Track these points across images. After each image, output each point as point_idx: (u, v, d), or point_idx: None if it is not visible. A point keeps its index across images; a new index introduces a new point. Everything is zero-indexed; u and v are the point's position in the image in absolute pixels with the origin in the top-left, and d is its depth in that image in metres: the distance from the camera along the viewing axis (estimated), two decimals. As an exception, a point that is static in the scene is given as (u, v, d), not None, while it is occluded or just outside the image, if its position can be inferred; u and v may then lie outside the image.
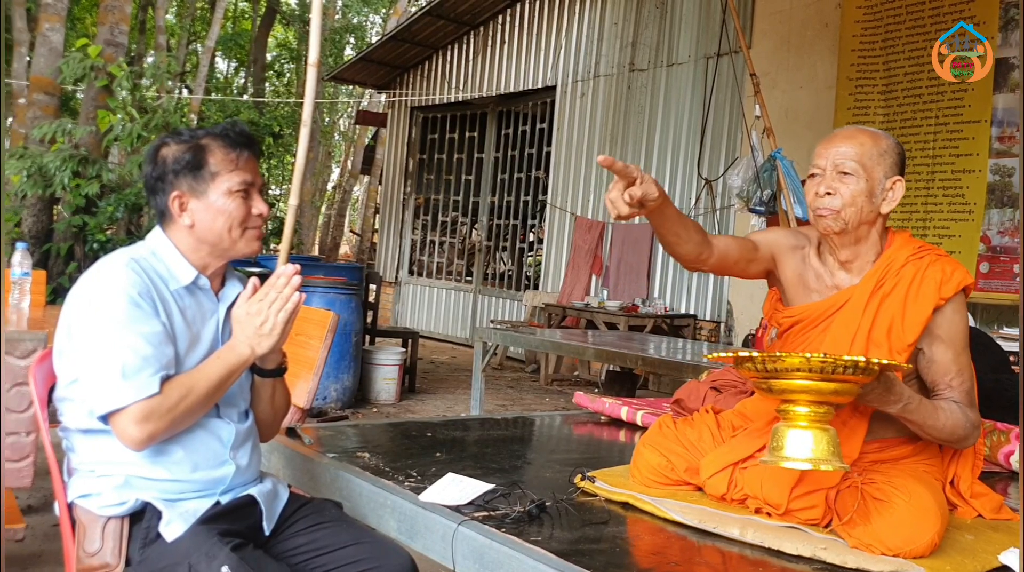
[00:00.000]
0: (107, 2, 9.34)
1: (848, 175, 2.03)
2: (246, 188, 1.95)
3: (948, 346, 2.01)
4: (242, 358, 1.89)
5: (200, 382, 1.84)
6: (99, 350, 1.78)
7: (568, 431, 3.19)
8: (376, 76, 13.87)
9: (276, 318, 1.88)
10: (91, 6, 21.53)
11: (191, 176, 1.92)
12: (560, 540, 1.76)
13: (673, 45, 9.52)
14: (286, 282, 1.90)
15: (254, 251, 2.00)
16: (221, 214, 1.93)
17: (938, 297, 2.00)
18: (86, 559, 1.81)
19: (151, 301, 1.85)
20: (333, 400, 6.81)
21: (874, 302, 2.03)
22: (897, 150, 2.09)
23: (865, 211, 2.04)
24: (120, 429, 1.76)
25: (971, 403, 2.01)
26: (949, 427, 1.95)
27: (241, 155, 1.95)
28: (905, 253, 2.06)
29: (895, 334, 2.00)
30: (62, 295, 8.04)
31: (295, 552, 1.98)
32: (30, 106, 9.52)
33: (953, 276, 2.01)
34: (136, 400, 1.74)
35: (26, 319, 3.61)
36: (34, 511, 3.91)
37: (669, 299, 9.25)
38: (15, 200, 8.92)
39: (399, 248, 13.69)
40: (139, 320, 1.80)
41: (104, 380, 1.76)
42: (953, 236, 6.90)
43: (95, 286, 1.84)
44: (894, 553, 1.77)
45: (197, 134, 1.97)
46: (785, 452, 1.72)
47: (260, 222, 1.99)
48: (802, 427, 1.73)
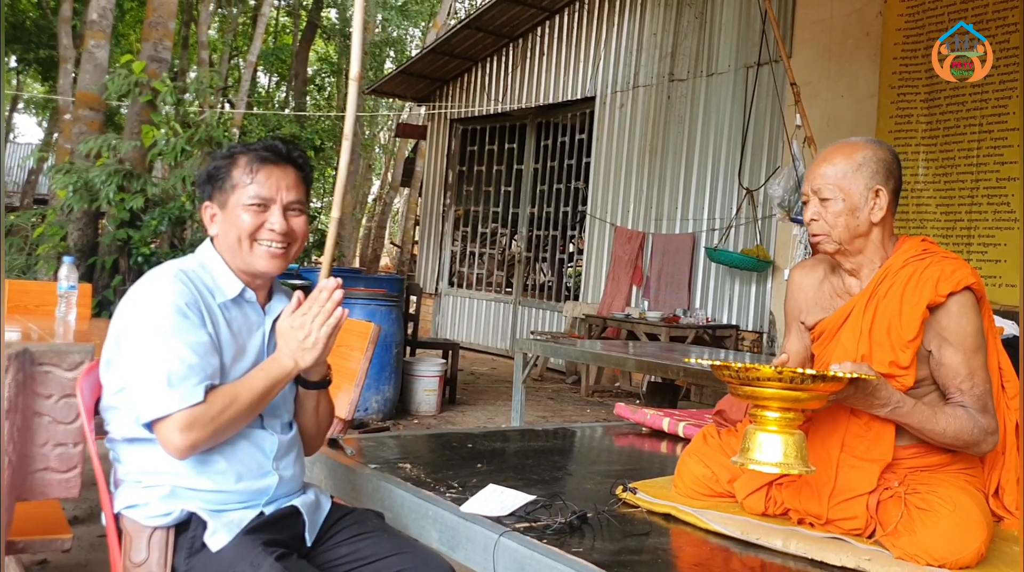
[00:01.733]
0: (151, 19, 9.49)
1: (827, 200, 2.07)
2: (260, 202, 1.95)
3: (957, 349, 1.99)
4: (286, 370, 1.91)
5: (244, 393, 1.86)
6: (146, 358, 1.80)
7: (609, 442, 3.18)
8: (416, 89, 13.95)
9: (319, 332, 1.90)
10: (135, 23, 21.92)
11: (218, 188, 1.97)
12: (601, 551, 1.76)
13: (713, 55, 9.48)
14: (328, 296, 1.91)
15: (269, 268, 1.98)
16: (233, 226, 1.95)
17: (935, 294, 1.98)
18: (132, 569, 1.83)
19: (198, 312, 1.87)
20: (374, 411, 6.84)
21: (873, 303, 2.05)
22: (876, 158, 2.08)
23: (853, 227, 2.07)
24: (164, 436, 1.78)
25: (984, 408, 1.98)
26: (952, 432, 1.93)
27: (264, 169, 1.96)
28: (906, 256, 2.07)
29: (894, 332, 2.01)
30: (107, 308, 8.17)
31: (337, 562, 1.99)
32: (76, 122, 9.68)
33: (953, 275, 1.99)
34: (180, 408, 1.77)
35: (72, 331, 3.67)
36: (80, 522, 3.96)
37: (711, 309, 9.18)
38: (61, 214, 9.07)
39: (439, 259, 13.74)
40: (186, 330, 1.83)
41: (150, 388, 1.78)
42: (998, 244, 6.79)
43: (143, 296, 1.87)
44: (940, 564, 1.75)
45: (236, 149, 2.01)
46: (754, 454, 1.78)
47: (275, 238, 1.96)
48: (771, 431, 1.77)
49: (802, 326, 2.25)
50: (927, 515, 1.82)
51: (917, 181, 7.37)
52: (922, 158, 7.35)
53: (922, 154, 7.35)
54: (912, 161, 7.39)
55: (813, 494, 1.95)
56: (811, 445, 2.00)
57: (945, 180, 7.20)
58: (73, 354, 2.18)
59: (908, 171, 7.40)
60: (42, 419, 2.16)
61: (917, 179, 7.37)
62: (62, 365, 2.17)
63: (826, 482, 1.94)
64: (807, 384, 1.73)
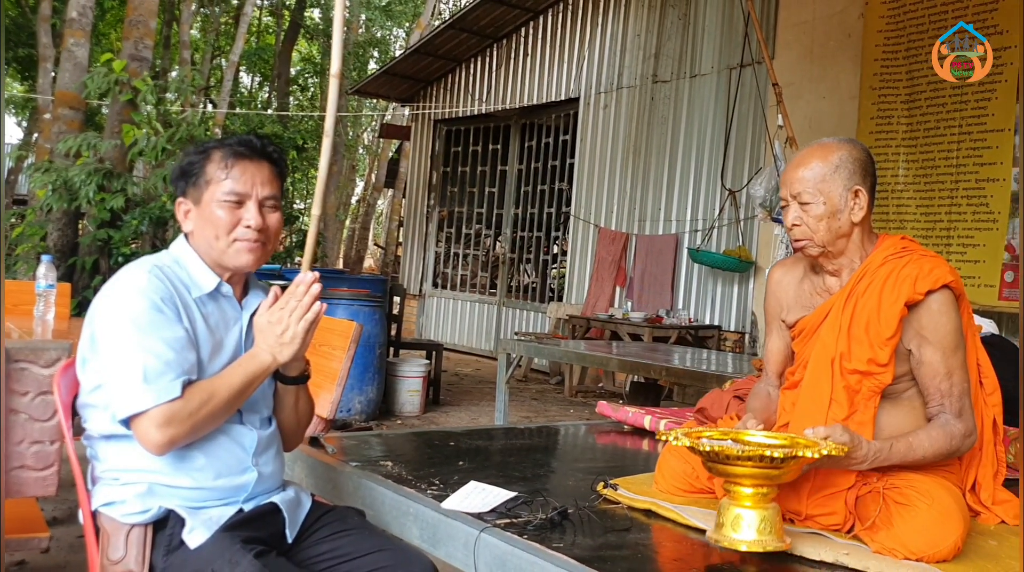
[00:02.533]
0: (132, 17, 9.43)
1: (807, 203, 2.07)
2: (236, 199, 1.93)
3: (936, 347, 1.99)
4: (264, 366, 1.89)
5: (221, 388, 1.84)
6: (122, 355, 1.79)
7: (591, 440, 3.18)
8: (400, 89, 13.93)
9: (296, 327, 1.88)
10: (116, 22, 21.78)
11: (191, 184, 1.95)
12: (582, 547, 1.76)
13: (696, 56, 9.51)
14: (305, 290, 1.89)
15: (245, 264, 1.96)
16: (208, 222, 1.93)
17: (912, 292, 1.99)
18: (110, 567, 1.81)
19: (174, 307, 1.86)
20: (357, 412, 6.82)
21: (852, 301, 2.06)
22: (851, 158, 2.07)
23: (835, 229, 2.07)
24: (141, 433, 1.77)
25: (961, 410, 1.99)
26: (931, 454, 1.94)
27: (238, 164, 1.93)
28: (885, 254, 2.07)
29: (873, 330, 2.01)
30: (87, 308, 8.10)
31: (318, 559, 1.98)
32: (55, 121, 9.62)
33: (932, 273, 2.00)
34: (157, 404, 1.75)
35: (51, 330, 3.64)
36: (60, 523, 3.93)
37: (693, 310, 9.21)
38: (41, 214, 9.00)
39: (423, 261, 13.72)
40: (161, 325, 1.81)
41: (126, 384, 1.76)
42: (977, 245, 6.84)
43: (117, 292, 1.85)
44: (917, 557, 1.77)
45: (210, 144, 1.98)
46: (727, 532, 1.74)
47: (251, 234, 1.94)
48: (746, 507, 1.75)
49: (783, 325, 2.25)
50: (905, 509, 1.83)
51: (897, 182, 7.42)
52: (902, 159, 7.40)
53: (902, 155, 7.40)
54: (892, 162, 7.43)
55: (792, 491, 1.96)
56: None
57: (925, 181, 7.24)
58: (49, 351, 2.17)
59: (888, 172, 7.44)
60: (18, 416, 2.15)
61: (897, 180, 7.42)
62: (38, 362, 2.16)
63: (804, 480, 1.95)
64: (782, 464, 1.71)
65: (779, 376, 2.29)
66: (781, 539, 1.74)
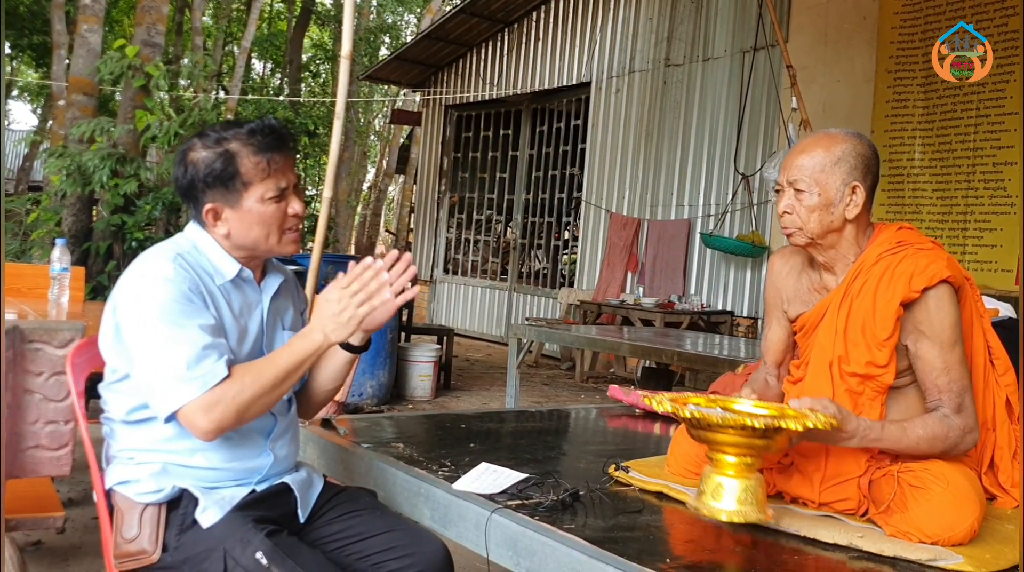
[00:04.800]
0: (144, 3, 9.45)
1: (802, 192, 2.01)
2: (280, 192, 1.91)
3: (933, 342, 1.94)
4: (315, 344, 1.84)
5: (268, 368, 1.81)
6: (158, 348, 1.76)
7: (603, 423, 3.18)
8: (411, 75, 13.90)
9: (356, 310, 1.83)
10: (129, 8, 21.81)
11: (223, 187, 1.88)
12: (593, 528, 1.75)
13: (709, 40, 9.45)
14: (373, 276, 1.84)
15: (293, 252, 1.97)
16: (256, 222, 1.90)
17: (908, 290, 1.93)
18: (124, 545, 1.82)
19: (200, 296, 1.84)
20: (369, 397, 6.83)
21: (847, 301, 2.01)
22: (855, 153, 2.01)
23: (826, 222, 2.01)
24: (189, 421, 1.76)
25: (961, 405, 1.92)
26: (926, 442, 1.88)
27: (273, 159, 1.90)
28: (880, 250, 2.01)
29: (869, 331, 1.96)
30: (101, 293, 8.13)
31: (329, 539, 1.98)
32: (69, 107, 9.65)
33: (928, 269, 1.93)
34: (204, 389, 1.74)
35: (65, 313, 3.66)
36: (75, 504, 3.96)
37: (705, 295, 9.19)
38: (55, 199, 9.04)
39: (434, 246, 13.73)
40: (193, 314, 1.79)
41: (167, 378, 1.74)
42: (995, 229, 6.80)
43: (144, 282, 1.82)
44: (932, 541, 1.75)
45: (225, 136, 1.90)
46: (708, 500, 1.73)
47: (297, 222, 1.95)
48: (728, 475, 1.73)
49: (784, 315, 2.22)
50: (920, 492, 1.81)
51: (913, 166, 7.37)
52: (918, 143, 7.35)
53: (918, 139, 7.35)
54: (908, 146, 7.39)
55: (804, 480, 1.95)
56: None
57: (942, 165, 7.19)
58: (63, 332, 2.18)
59: (904, 156, 7.40)
60: (33, 396, 2.16)
61: (913, 164, 7.37)
62: (52, 343, 2.17)
63: (816, 469, 1.93)
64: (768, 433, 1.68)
65: (778, 365, 2.25)
66: (763, 511, 1.72)
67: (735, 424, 1.67)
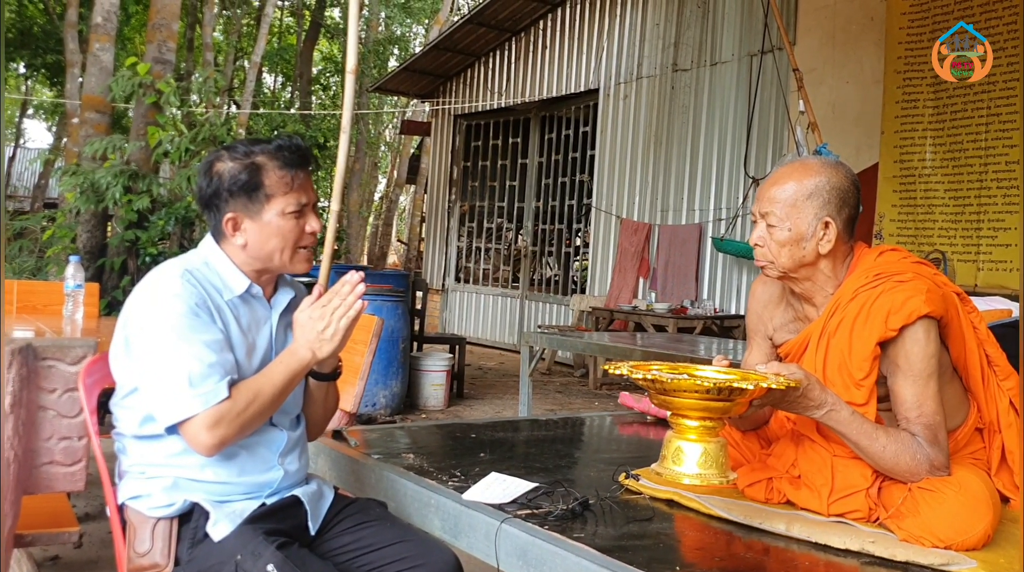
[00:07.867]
0: (155, 20, 9.51)
1: (773, 227, 1.97)
2: (300, 208, 1.95)
3: (905, 375, 1.89)
4: (304, 362, 1.90)
5: (266, 385, 1.86)
6: (163, 362, 1.79)
7: (614, 431, 3.17)
8: (419, 85, 13.96)
9: (339, 324, 1.89)
10: (140, 26, 21.96)
11: (246, 197, 1.92)
12: (604, 537, 1.75)
13: (716, 44, 9.45)
14: (350, 289, 1.90)
15: (304, 270, 2.00)
16: (274, 235, 1.93)
17: (884, 329, 1.87)
18: (136, 559, 1.84)
19: (208, 311, 1.86)
20: (382, 406, 6.85)
21: (824, 339, 1.97)
22: (829, 186, 1.95)
23: (798, 257, 1.97)
24: (191, 436, 1.78)
25: (934, 439, 1.85)
26: (891, 452, 1.83)
27: (297, 175, 1.94)
28: (856, 284, 1.95)
29: (845, 371, 1.92)
30: (116, 309, 8.17)
31: (340, 551, 1.99)
32: (83, 124, 9.72)
33: (904, 306, 1.86)
34: (206, 407, 1.77)
35: (80, 329, 3.69)
36: (92, 519, 3.98)
37: (719, 300, 9.17)
38: (70, 216, 9.11)
39: (445, 255, 13.75)
40: (200, 329, 1.82)
41: (171, 391, 1.77)
42: (1008, 228, 6.76)
43: (153, 297, 1.85)
44: (946, 545, 1.72)
45: (253, 150, 1.94)
46: (670, 464, 1.75)
47: (312, 241, 1.99)
48: (690, 440, 1.75)
49: (768, 341, 2.19)
50: (932, 496, 1.79)
51: (925, 166, 7.34)
52: (929, 143, 7.32)
53: (929, 139, 7.32)
54: (919, 146, 7.36)
55: (813, 494, 1.93)
56: (802, 448, 1.97)
57: (953, 165, 7.16)
58: (76, 348, 2.19)
59: (915, 156, 7.37)
60: (46, 413, 2.17)
61: (925, 164, 7.34)
62: (65, 359, 2.18)
63: (823, 483, 1.90)
64: (724, 395, 1.67)
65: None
66: (724, 475, 1.73)
67: (689, 387, 1.69)
